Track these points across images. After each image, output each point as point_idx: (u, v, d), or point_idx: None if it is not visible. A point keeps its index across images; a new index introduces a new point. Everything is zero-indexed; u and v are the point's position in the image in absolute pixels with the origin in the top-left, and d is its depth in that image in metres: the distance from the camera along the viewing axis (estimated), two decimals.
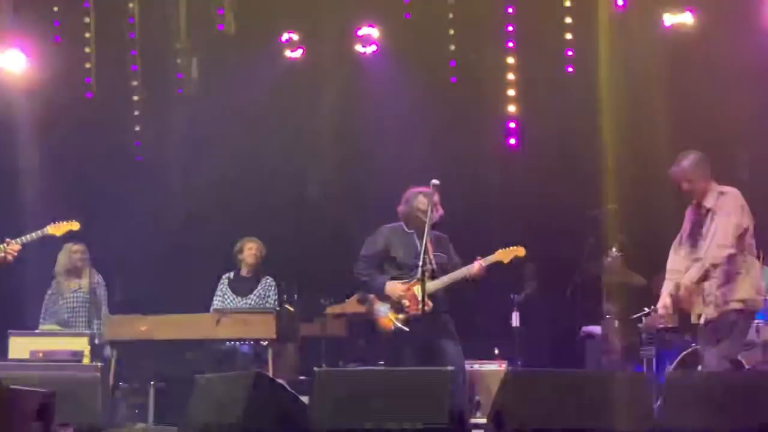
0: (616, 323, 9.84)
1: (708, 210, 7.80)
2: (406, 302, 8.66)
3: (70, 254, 10.76)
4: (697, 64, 11.50)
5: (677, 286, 7.70)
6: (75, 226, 9.90)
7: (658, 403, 7.14)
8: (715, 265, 7.59)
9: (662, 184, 12.22)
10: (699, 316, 7.70)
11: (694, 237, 7.87)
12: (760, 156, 11.16)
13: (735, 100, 10.93)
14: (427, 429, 6.26)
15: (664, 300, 7.81)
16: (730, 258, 7.56)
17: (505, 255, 8.92)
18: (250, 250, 10.69)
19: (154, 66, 13.12)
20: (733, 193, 7.81)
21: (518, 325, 10.32)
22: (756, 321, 8.70)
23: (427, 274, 8.34)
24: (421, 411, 6.36)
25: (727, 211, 7.71)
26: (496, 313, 10.81)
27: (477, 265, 8.76)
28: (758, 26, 11.36)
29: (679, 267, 7.88)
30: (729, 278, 7.60)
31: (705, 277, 7.63)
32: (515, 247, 8.96)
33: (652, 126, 11.07)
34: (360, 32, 12.57)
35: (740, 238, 7.64)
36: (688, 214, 8.04)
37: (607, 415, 6.37)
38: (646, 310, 9.77)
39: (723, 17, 11.37)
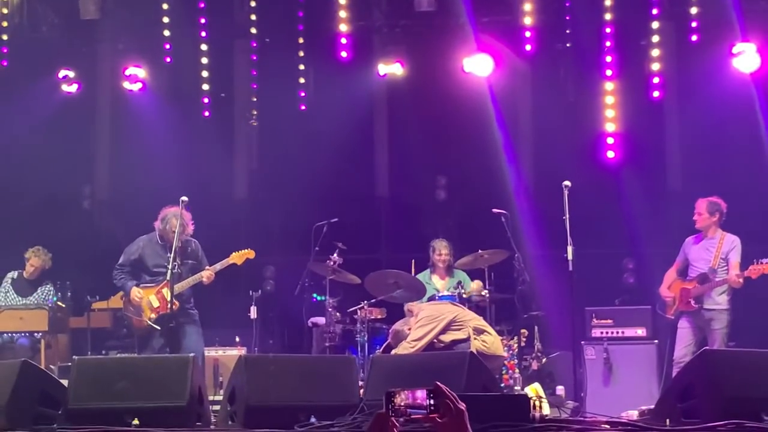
0: (337, 314, 9.87)
1: None
2: (155, 303, 8.74)
3: None
4: None
5: None
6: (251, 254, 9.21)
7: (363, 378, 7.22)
8: None
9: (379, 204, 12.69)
10: None
11: None
12: None
13: None
14: (170, 407, 6.08)
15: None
16: None
17: (238, 258, 9.02)
18: (31, 266, 10.23)
19: None
20: None
21: (256, 317, 10.21)
22: None
23: (175, 278, 8.43)
24: (165, 392, 6.19)
25: None
26: (238, 306, 10.71)
27: (207, 272, 8.84)
28: None
29: None
30: None
31: None
32: (246, 251, 9.09)
33: None
34: (127, 71, 12.17)
35: None
36: None
37: (321, 391, 6.39)
38: (361, 303, 9.85)
39: None
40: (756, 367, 6.03)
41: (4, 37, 12.05)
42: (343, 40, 12.01)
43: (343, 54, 12.04)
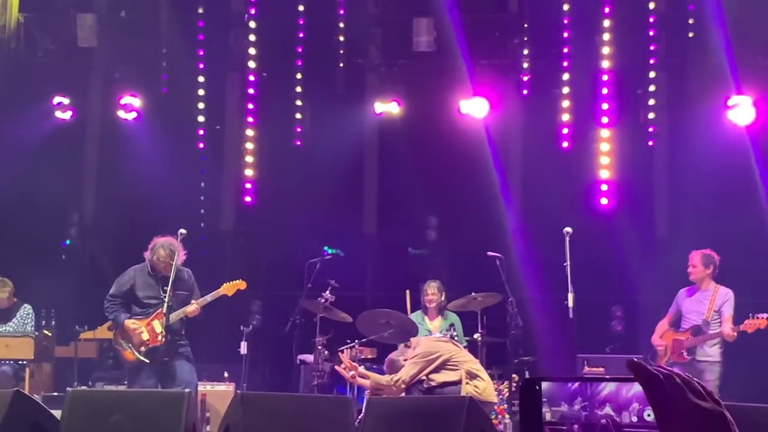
0: (326, 352, 9.77)
1: None
2: (146, 336, 8.56)
3: None
4: None
5: None
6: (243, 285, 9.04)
7: (358, 420, 7.11)
8: None
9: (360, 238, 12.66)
10: None
11: None
12: None
13: None
14: None
15: None
16: None
17: (229, 289, 8.90)
18: (3, 293, 9.98)
19: None
20: None
21: (246, 352, 10.10)
22: None
23: (164, 311, 8.33)
24: (160, 427, 6.07)
25: None
26: (226, 341, 10.60)
27: (193, 306, 8.67)
28: None
29: None
30: None
31: None
32: (237, 281, 8.97)
33: None
34: (122, 101, 12.12)
35: None
36: None
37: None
38: (349, 342, 9.77)
39: None
40: (750, 423, 5.99)
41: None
42: (341, 77, 12.02)
43: (340, 91, 12.05)
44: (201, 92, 12.39)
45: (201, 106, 12.42)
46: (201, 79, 12.34)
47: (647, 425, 2.31)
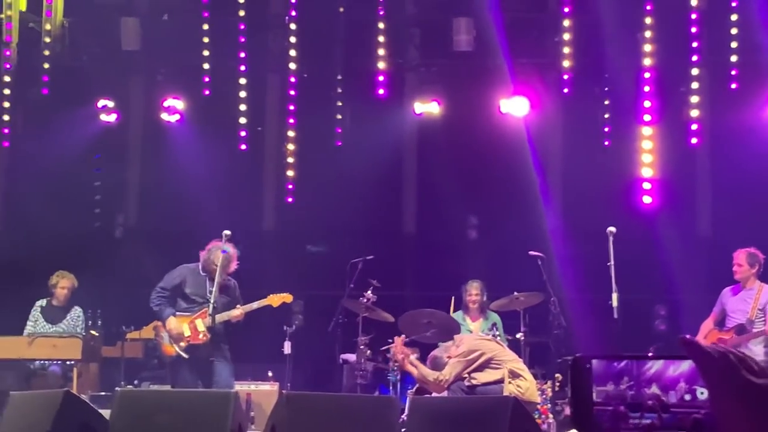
0: (368, 352, 9.80)
1: None
2: (187, 333, 8.71)
3: None
4: None
5: None
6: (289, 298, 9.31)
7: (402, 419, 7.15)
8: None
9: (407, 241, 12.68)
10: None
11: None
12: None
13: None
14: None
15: None
16: None
17: (275, 300, 9.03)
18: (62, 289, 10.12)
19: None
20: None
21: (289, 352, 10.16)
22: None
23: (209, 311, 8.55)
24: (206, 427, 6.14)
25: None
26: (271, 341, 10.66)
27: (238, 311, 8.85)
28: None
29: None
30: None
31: None
32: (284, 294, 9.10)
33: None
34: (165, 103, 12.24)
35: None
36: None
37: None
38: (390, 342, 9.78)
39: None
40: None
41: (46, 66, 12.12)
42: (381, 78, 12.05)
43: (380, 91, 12.07)
44: (242, 94, 12.46)
45: (242, 107, 12.50)
46: (242, 81, 12.41)
47: (694, 405, 2.27)
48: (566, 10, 11.65)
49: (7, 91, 12.27)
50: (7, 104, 12.28)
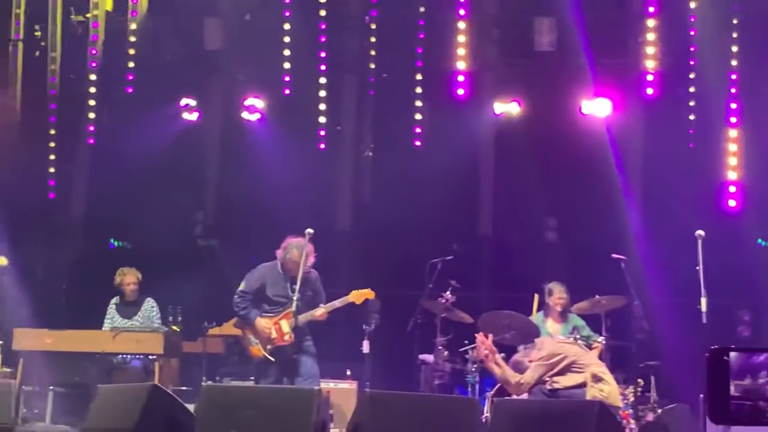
0: (446, 353, 9.76)
1: None
2: (273, 335, 8.75)
3: None
4: None
5: None
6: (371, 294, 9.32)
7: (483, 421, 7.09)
8: None
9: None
10: None
11: None
12: None
13: None
14: None
15: None
16: None
17: (357, 297, 9.02)
18: (129, 285, 10.25)
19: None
20: None
21: (368, 351, 10.16)
22: None
23: (293, 311, 8.57)
24: (291, 424, 6.17)
25: None
26: (349, 340, 10.67)
27: (321, 311, 8.87)
28: None
29: None
30: None
31: None
32: (366, 290, 9.04)
33: None
34: (246, 102, 12.34)
35: None
36: None
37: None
38: (467, 343, 9.72)
39: None
40: None
41: (130, 65, 12.32)
42: (461, 78, 11.99)
43: (460, 91, 12.01)
44: (322, 93, 12.52)
45: (322, 107, 12.55)
46: (322, 80, 12.46)
47: None
48: (651, 9, 11.45)
49: (92, 90, 12.50)
50: (92, 102, 12.51)
